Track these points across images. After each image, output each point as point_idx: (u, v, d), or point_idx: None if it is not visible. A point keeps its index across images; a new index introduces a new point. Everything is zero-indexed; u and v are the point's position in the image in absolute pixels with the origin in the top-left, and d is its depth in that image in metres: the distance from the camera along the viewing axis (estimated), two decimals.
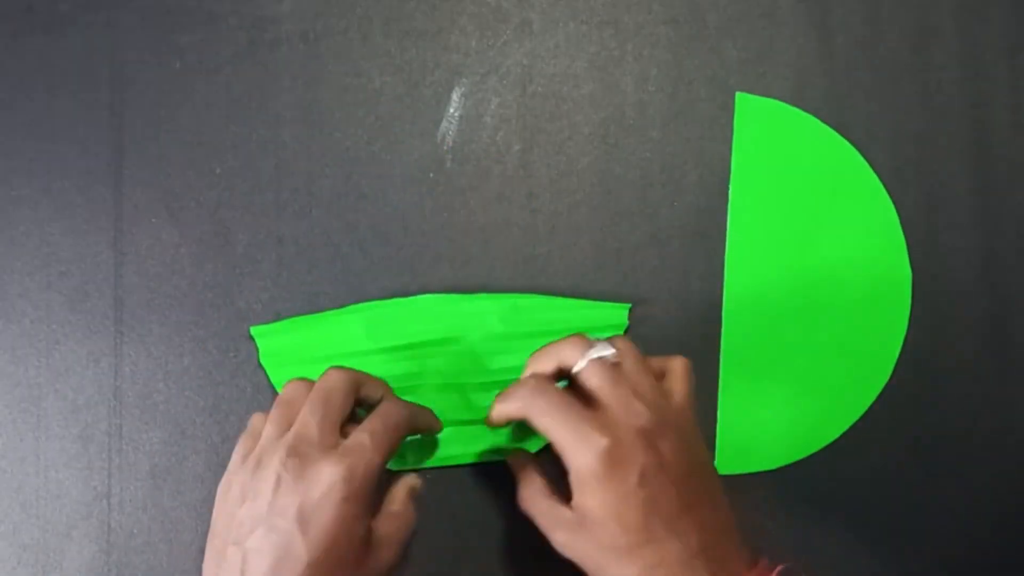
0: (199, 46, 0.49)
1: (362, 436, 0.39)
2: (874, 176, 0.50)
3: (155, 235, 0.49)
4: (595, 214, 0.49)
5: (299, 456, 0.38)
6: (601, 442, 0.37)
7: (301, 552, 0.36)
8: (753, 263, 0.49)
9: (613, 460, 0.37)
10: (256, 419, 0.41)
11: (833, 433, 0.49)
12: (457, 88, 0.50)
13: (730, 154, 0.50)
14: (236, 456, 0.40)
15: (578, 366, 0.40)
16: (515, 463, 0.44)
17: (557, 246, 0.49)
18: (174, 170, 0.49)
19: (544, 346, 0.42)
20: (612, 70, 0.50)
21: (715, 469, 0.42)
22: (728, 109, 0.50)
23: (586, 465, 0.37)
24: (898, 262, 0.50)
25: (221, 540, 0.38)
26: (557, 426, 0.38)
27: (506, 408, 0.40)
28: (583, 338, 0.41)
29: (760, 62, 0.50)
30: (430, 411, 0.45)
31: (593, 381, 0.40)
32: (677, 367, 0.42)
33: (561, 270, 0.49)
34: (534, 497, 0.41)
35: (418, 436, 0.46)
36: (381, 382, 0.43)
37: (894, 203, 0.50)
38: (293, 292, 0.48)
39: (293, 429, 0.39)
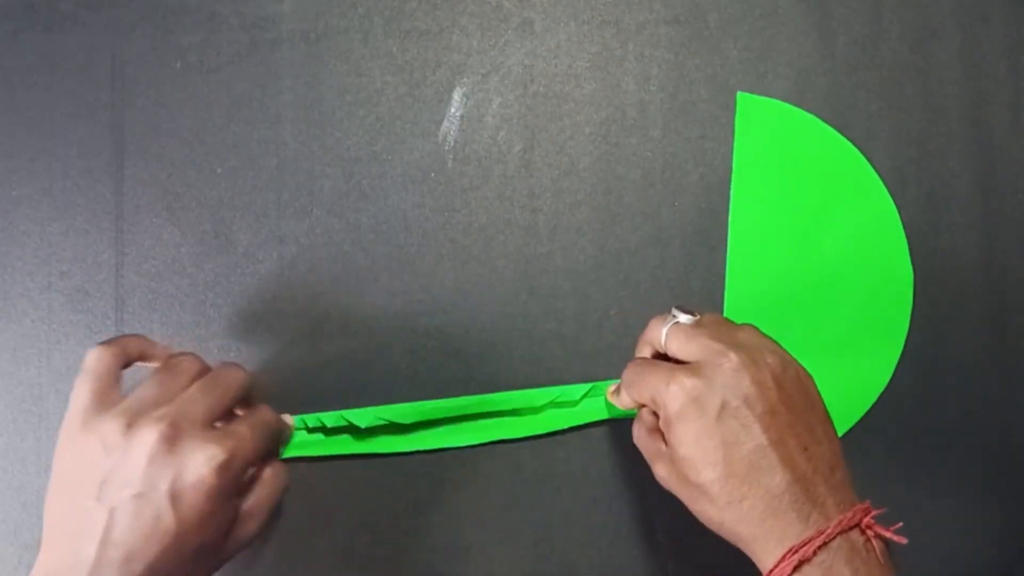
0: (200, 46, 0.49)
1: (241, 427, 0.40)
2: (875, 176, 0.50)
3: (156, 235, 0.49)
4: (596, 214, 0.49)
5: (178, 430, 0.38)
6: (685, 382, 0.39)
7: (170, 526, 0.37)
8: (754, 263, 0.49)
9: (693, 398, 0.38)
10: (94, 356, 0.39)
11: None
12: (458, 88, 0.50)
13: (731, 154, 0.50)
14: (85, 397, 0.39)
15: (663, 339, 0.42)
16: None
17: (558, 246, 0.49)
18: (175, 170, 0.49)
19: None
20: (613, 70, 0.50)
21: (823, 406, 0.40)
22: (729, 109, 0.50)
23: (670, 405, 0.39)
24: (899, 262, 0.50)
25: (76, 491, 0.38)
26: (648, 380, 0.40)
27: (617, 400, 0.44)
28: (662, 317, 0.43)
29: (761, 62, 0.50)
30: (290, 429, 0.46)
31: (674, 344, 0.41)
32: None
33: (562, 270, 0.49)
34: (641, 433, 0.43)
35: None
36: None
37: (895, 203, 0.50)
38: (294, 292, 0.48)
39: (179, 401, 0.39)
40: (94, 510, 0.37)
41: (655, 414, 0.42)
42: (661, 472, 0.41)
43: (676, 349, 0.41)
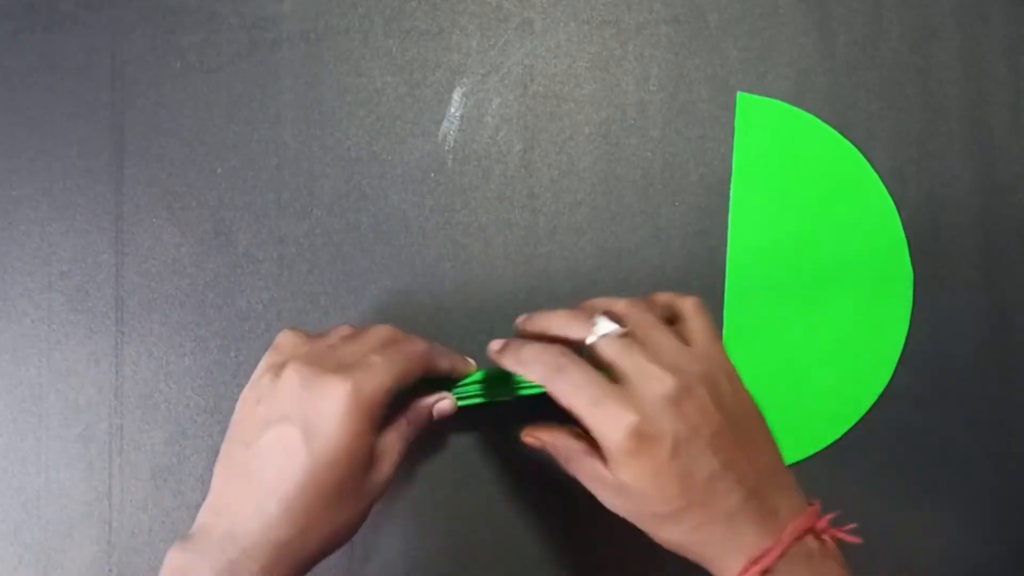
0: (200, 46, 0.49)
1: (375, 357, 0.39)
2: (875, 175, 0.50)
3: (156, 235, 0.49)
4: (596, 214, 0.49)
5: (312, 365, 0.38)
6: (628, 419, 0.37)
7: (304, 460, 0.36)
8: (754, 263, 0.49)
9: (642, 436, 0.37)
10: (283, 335, 0.41)
11: (833, 433, 0.49)
12: (458, 88, 0.50)
13: (731, 154, 0.50)
14: (260, 367, 0.40)
15: (589, 340, 0.40)
16: (547, 432, 0.42)
17: (558, 246, 0.49)
18: (175, 170, 0.49)
19: (543, 313, 0.42)
20: (613, 70, 0.50)
21: (755, 407, 0.40)
22: (729, 109, 0.50)
23: (616, 443, 0.37)
24: (899, 262, 0.50)
25: (233, 442, 0.39)
26: (583, 406, 0.38)
27: (530, 374, 0.40)
28: (582, 313, 0.41)
29: (761, 62, 0.50)
30: (458, 356, 0.44)
31: (607, 353, 0.39)
32: (689, 307, 0.41)
33: (562, 270, 0.49)
34: (576, 459, 0.40)
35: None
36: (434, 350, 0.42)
37: (895, 202, 0.50)
38: (294, 292, 0.48)
39: (321, 342, 0.40)
40: (241, 454, 0.38)
41: (579, 436, 0.40)
42: (610, 500, 0.39)
43: (608, 359, 0.39)
